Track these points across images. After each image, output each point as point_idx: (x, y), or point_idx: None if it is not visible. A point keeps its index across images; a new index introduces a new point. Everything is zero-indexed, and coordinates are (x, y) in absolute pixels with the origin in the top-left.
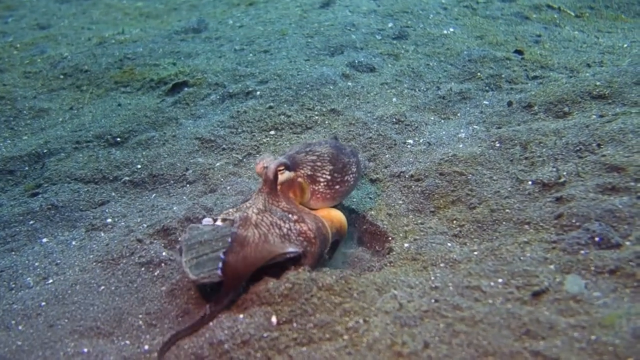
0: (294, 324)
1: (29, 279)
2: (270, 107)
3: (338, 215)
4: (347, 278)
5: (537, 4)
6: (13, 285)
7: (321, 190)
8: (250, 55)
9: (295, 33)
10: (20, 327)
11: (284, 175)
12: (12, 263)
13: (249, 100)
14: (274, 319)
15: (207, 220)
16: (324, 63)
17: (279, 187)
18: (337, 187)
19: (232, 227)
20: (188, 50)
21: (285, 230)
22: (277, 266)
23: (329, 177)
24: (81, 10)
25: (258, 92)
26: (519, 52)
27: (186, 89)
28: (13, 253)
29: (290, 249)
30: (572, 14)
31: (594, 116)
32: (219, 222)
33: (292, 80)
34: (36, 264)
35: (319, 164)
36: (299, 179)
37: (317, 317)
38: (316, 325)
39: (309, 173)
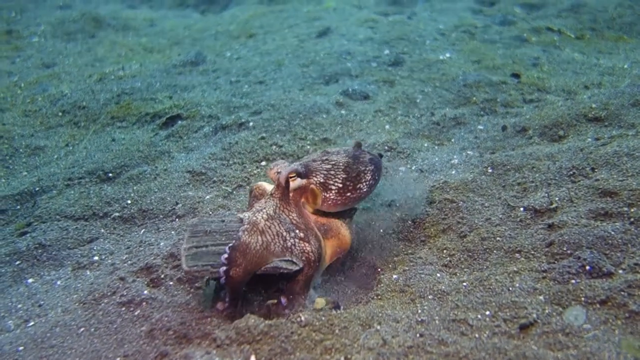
0: None
1: (10, 322)
2: (263, 138)
3: (345, 235)
4: (328, 314)
5: (537, 27)
6: None
7: (332, 197)
8: (246, 86)
9: (292, 63)
10: None
11: (296, 182)
12: None
13: (242, 131)
14: (253, 359)
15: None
16: (318, 92)
17: (291, 194)
18: (349, 194)
19: (239, 231)
20: (185, 84)
21: (289, 244)
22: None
23: (340, 185)
24: (86, 48)
25: (251, 123)
26: (515, 75)
27: (180, 122)
28: None
29: (287, 266)
30: (573, 35)
31: (589, 139)
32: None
33: (285, 110)
34: (19, 305)
35: (332, 172)
36: (312, 186)
37: (297, 355)
38: None
39: (322, 181)
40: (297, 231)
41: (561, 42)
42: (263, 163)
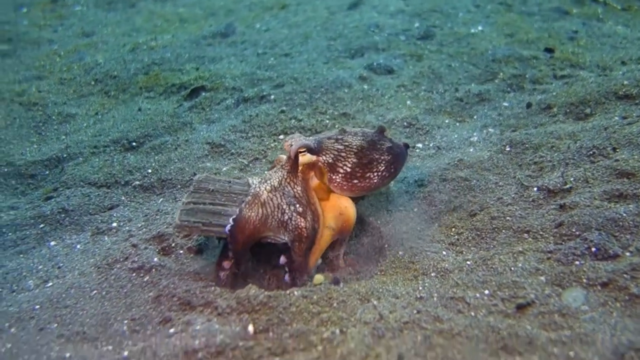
0: (270, 333)
1: (30, 281)
2: (283, 111)
3: (349, 213)
4: (328, 288)
5: None
6: (15, 288)
7: (338, 180)
8: (272, 59)
9: (319, 36)
10: (12, 330)
11: (306, 157)
12: (19, 265)
13: (263, 104)
14: (250, 328)
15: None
16: (342, 66)
17: (300, 167)
18: (356, 181)
19: (242, 203)
20: (213, 55)
21: (286, 217)
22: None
23: (348, 170)
24: (125, 17)
25: (272, 96)
26: (549, 50)
27: (204, 93)
28: (21, 255)
29: (282, 238)
30: (619, 7)
31: (616, 118)
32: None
33: (307, 83)
34: (40, 266)
35: (343, 154)
36: (319, 164)
37: (293, 326)
38: (292, 335)
39: (330, 161)
40: (297, 205)
41: (605, 14)
42: (281, 137)
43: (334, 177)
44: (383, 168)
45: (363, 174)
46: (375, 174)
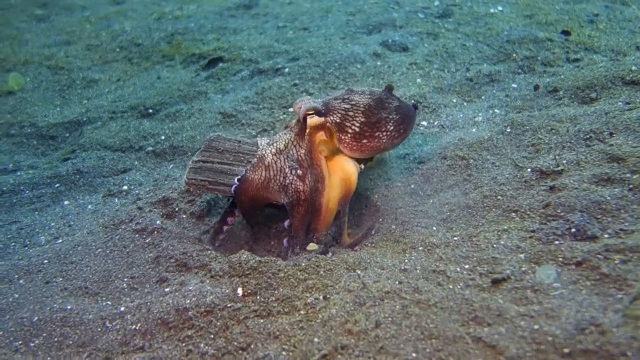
0: (258, 297)
1: (42, 237)
2: (295, 85)
3: (352, 179)
4: (317, 257)
5: None
6: (27, 242)
7: (347, 140)
8: (290, 32)
9: (339, 11)
10: (21, 282)
11: (314, 120)
12: (33, 222)
13: (277, 77)
14: (240, 291)
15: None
16: (358, 41)
17: (308, 129)
18: (365, 141)
19: (247, 166)
20: (234, 26)
21: (287, 181)
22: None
23: (357, 129)
24: None
25: (287, 69)
26: (565, 32)
27: (221, 64)
28: (36, 213)
29: (282, 201)
30: None
31: (620, 103)
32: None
33: (322, 58)
34: (52, 224)
35: (350, 113)
36: (328, 125)
37: (280, 291)
38: (278, 299)
39: (338, 121)
40: (297, 168)
41: None
42: (290, 109)
43: (342, 137)
44: (392, 128)
45: (372, 134)
46: (385, 133)
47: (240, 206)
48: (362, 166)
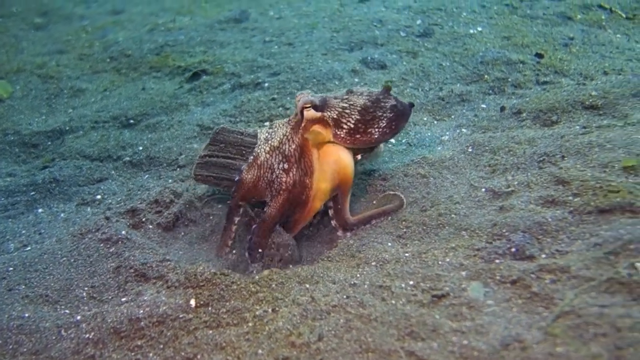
0: (209, 308)
1: (11, 244)
2: (273, 99)
3: (345, 164)
4: (271, 270)
5: (588, 3)
6: None
7: (342, 135)
8: (275, 47)
9: (325, 27)
10: None
11: (310, 113)
12: (5, 229)
13: (257, 91)
14: (192, 302)
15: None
16: (338, 58)
17: (304, 123)
18: (358, 136)
19: (242, 165)
20: (222, 40)
21: (273, 176)
22: None
23: (352, 126)
24: None
25: (267, 84)
26: (539, 55)
27: (204, 77)
28: (10, 220)
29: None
30: (624, 15)
31: (577, 127)
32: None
33: (301, 73)
34: (23, 231)
35: (347, 111)
36: (325, 119)
37: (231, 303)
38: (228, 310)
39: (334, 117)
40: (284, 162)
41: (608, 22)
42: (266, 123)
43: (338, 132)
44: (384, 124)
45: (365, 129)
46: (377, 129)
47: (232, 198)
48: (359, 157)
